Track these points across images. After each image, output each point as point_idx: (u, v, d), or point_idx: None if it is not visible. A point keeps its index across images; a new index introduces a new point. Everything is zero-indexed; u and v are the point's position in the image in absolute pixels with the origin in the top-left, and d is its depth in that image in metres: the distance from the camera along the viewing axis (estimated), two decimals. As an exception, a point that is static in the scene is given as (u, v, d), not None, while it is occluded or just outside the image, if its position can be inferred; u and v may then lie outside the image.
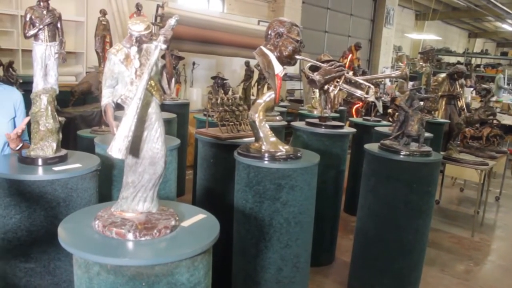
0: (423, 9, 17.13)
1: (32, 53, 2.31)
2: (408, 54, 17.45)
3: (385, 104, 6.44)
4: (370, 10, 14.54)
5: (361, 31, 14.21)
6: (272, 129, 2.81)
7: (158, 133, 1.54)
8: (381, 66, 14.65)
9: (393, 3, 14.74)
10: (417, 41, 17.33)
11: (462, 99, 7.76)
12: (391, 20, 14.73)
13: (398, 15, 15.59)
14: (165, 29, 1.48)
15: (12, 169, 2.26)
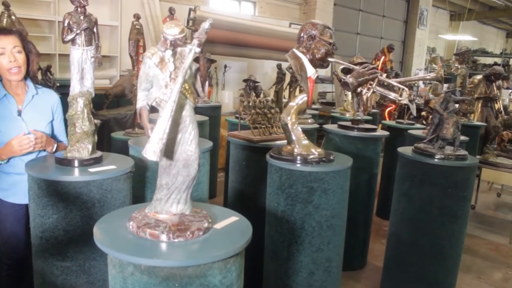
0: (458, 9, 16.78)
1: (70, 57, 2.35)
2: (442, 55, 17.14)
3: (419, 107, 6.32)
4: (403, 11, 14.34)
5: (394, 33, 14.03)
6: (304, 132, 2.80)
7: (192, 135, 1.56)
8: (414, 68, 14.42)
9: (427, 3, 14.50)
10: (451, 42, 16.99)
11: (499, 101, 7.55)
12: (425, 21, 14.49)
13: (432, 16, 15.32)
14: (199, 33, 1.49)
15: (50, 170, 2.31)
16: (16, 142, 2.34)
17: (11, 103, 2.46)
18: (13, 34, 2.41)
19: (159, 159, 1.44)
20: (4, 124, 2.43)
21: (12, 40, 2.38)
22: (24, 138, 2.35)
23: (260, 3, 9.99)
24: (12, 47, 2.37)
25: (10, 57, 2.36)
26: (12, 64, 2.36)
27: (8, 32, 2.41)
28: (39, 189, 2.24)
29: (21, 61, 2.39)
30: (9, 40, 2.37)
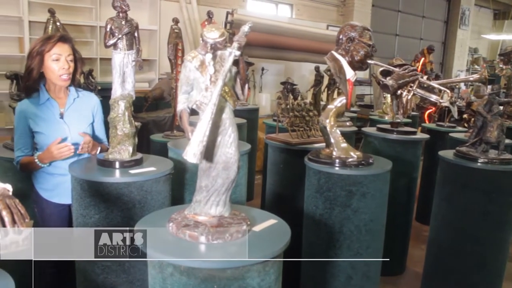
0: (502, 8, 16.26)
1: (111, 61, 2.41)
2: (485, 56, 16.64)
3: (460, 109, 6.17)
4: (444, 11, 14.02)
5: (434, 33, 13.73)
6: (343, 134, 2.77)
7: (231, 138, 1.56)
8: (455, 69, 14.07)
9: (469, 2, 14.12)
10: (495, 42, 16.49)
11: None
12: (467, 20, 14.11)
13: (474, 15, 14.90)
14: (239, 36, 1.50)
15: (92, 171, 2.37)
16: (55, 149, 2.38)
17: (54, 106, 2.53)
18: (69, 43, 2.49)
19: (199, 162, 1.45)
20: (47, 126, 2.50)
21: (67, 48, 2.46)
22: (62, 146, 2.39)
23: (297, 6, 9.96)
24: (67, 55, 2.45)
25: (64, 65, 2.43)
26: (65, 71, 2.44)
27: (65, 40, 2.48)
28: (82, 190, 2.30)
29: (71, 69, 2.48)
30: (65, 48, 2.45)
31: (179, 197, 2.90)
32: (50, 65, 2.42)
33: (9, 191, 1.21)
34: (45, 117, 2.49)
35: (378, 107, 6.84)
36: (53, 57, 2.42)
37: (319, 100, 5.09)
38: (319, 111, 4.07)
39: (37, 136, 2.51)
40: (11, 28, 6.44)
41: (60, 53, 2.43)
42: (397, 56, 6.53)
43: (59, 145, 2.39)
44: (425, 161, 5.35)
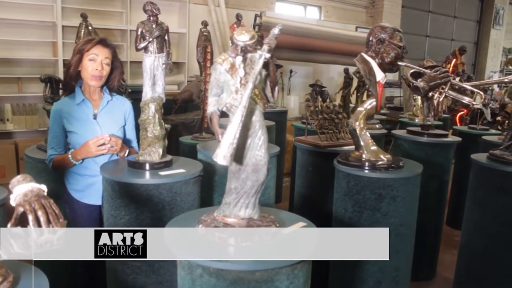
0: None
1: (142, 64, 2.44)
2: (520, 57, 16.21)
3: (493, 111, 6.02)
4: (476, 11, 13.71)
5: (466, 34, 13.45)
6: (372, 137, 2.74)
7: (261, 140, 1.56)
8: (488, 70, 13.75)
9: (503, 1, 13.75)
10: (530, 42, 16.04)
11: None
12: (501, 20, 13.76)
13: (509, 15, 14.52)
14: (269, 38, 1.50)
15: (123, 173, 2.40)
16: (93, 141, 2.45)
17: (88, 107, 2.58)
18: (109, 48, 2.56)
19: (229, 164, 1.46)
20: (81, 126, 2.56)
21: (105, 52, 2.52)
22: (100, 137, 2.46)
23: (325, 7, 9.91)
24: (103, 57, 2.51)
25: (98, 66, 2.50)
26: (97, 72, 2.50)
27: (105, 44, 2.55)
28: (113, 191, 2.34)
29: (105, 73, 2.53)
30: (103, 51, 2.52)
31: (208, 199, 2.92)
32: (86, 64, 2.50)
33: (44, 191, 1.23)
34: (79, 117, 2.55)
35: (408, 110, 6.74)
36: (90, 57, 2.49)
37: (348, 102, 5.06)
38: (348, 113, 4.04)
39: (70, 135, 2.57)
40: (45, 33, 6.61)
41: (97, 54, 2.49)
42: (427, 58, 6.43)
43: (98, 141, 2.44)
44: (456, 165, 5.24)
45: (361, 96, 4.77)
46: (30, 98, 6.52)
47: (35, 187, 1.22)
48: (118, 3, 7.17)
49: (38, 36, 6.59)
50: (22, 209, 1.14)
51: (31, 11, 6.44)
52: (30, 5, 6.40)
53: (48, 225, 1.14)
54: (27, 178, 1.25)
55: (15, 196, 1.19)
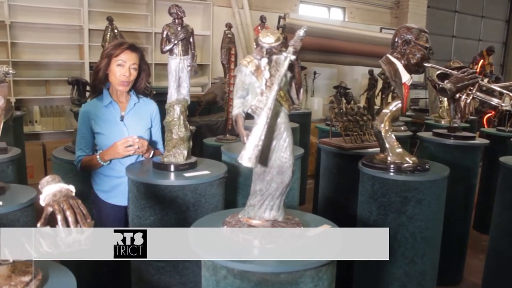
0: None
1: (167, 66, 2.46)
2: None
3: (522, 113, 5.89)
4: (505, 10, 13.41)
5: (494, 34, 13.17)
6: (397, 139, 2.72)
7: (286, 142, 1.56)
8: (517, 71, 13.47)
9: (533, 0, 13.47)
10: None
11: None
12: (530, 19, 13.45)
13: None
14: (294, 40, 1.50)
15: (148, 174, 2.43)
16: (120, 143, 2.48)
17: (115, 109, 2.62)
18: (137, 52, 2.58)
19: (254, 166, 1.46)
20: (108, 128, 2.59)
21: (133, 57, 2.54)
22: (128, 137, 2.49)
23: (349, 9, 9.86)
24: (131, 63, 2.53)
25: (126, 72, 2.52)
26: (125, 78, 2.53)
27: (134, 49, 2.57)
28: (138, 192, 2.36)
29: (132, 78, 2.56)
30: (131, 56, 2.54)
31: (232, 200, 2.92)
32: (114, 69, 2.53)
33: (73, 192, 1.26)
34: (106, 119, 2.59)
35: (434, 111, 6.64)
36: (118, 62, 2.52)
37: (373, 104, 5.02)
38: (373, 115, 4.00)
39: (97, 137, 2.61)
40: (72, 36, 6.75)
41: (125, 60, 2.52)
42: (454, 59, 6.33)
43: (125, 142, 2.47)
44: (484, 167, 5.14)
45: (386, 98, 4.73)
46: (57, 100, 6.67)
47: (64, 188, 1.24)
48: (143, 6, 7.27)
49: (65, 39, 6.73)
50: (51, 209, 1.16)
51: (59, 16, 6.58)
52: (58, 10, 6.54)
53: (76, 225, 1.15)
54: (55, 179, 1.27)
55: (45, 196, 1.21)
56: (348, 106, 3.45)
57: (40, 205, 1.22)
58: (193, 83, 7.09)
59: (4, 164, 2.77)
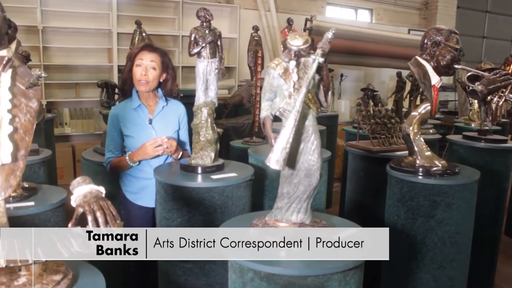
0: None
1: (195, 69, 2.48)
2: None
3: (557, 116, 5.72)
4: (540, 8, 13.07)
5: (527, 34, 12.85)
6: (426, 142, 2.67)
7: (314, 145, 1.55)
8: (551, 73, 13.06)
9: None
10: None
11: None
12: None
13: None
14: (322, 43, 1.49)
15: (175, 176, 2.44)
16: (150, 143, 2.51)
17: (144, 112, 2.65)
18: (156, 52, 2.61)
19: (282, 168, 1.45)
20: (136, 131, 2.63)
21: (151, 57, 2.58)
22: (157, 138, 2.52)
23: (377, 10, 9.77)
24: (149, 62, 2.57)
25: (143, 71, 2.56)
26: (142, 77, 2.56)
27: (152, 49, 2.62)
28: (166, 193, 2.38)
29: (151, 77, 2.58)
30: (149, 56, 2.57)
31: (258, 203, 2.92)
32: (134, 70, 2.58)
33: (103, 193, 1.27)
34: (135, 122, 2.62)
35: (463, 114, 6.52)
36: (137, 63, 2.57)
37: (401, 106, 4.95)
38: (401, 118, 3.95)
39: (126, 139, 2.64)
40: (101, 40, 6.87)
41: (142, 59, 2.56)
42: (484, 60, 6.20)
43: (155, 143, 2.50)
44: (516, 171, 5.02)
45: (414, 100, 4.65)
46: (87, 102, 6.80)
47: (94, 189, 1.26)
48: (170, 10, 7.35)
49: (94, 43, 6.85)
50: (81, 209, 1.18)
51: (89, 20, 6.71)
52: (88, 14, 6.67)
53: (106, 225, 1.17)
54: (86, 180, 1.29)
55: (75, 197, 1.23)
56: (376, 108, 3.41)
57: (71, 205, 1.24)
58: (220, 85, 7.08)
59: (36, 165, 2.83)
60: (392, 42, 7.81)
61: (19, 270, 1.20)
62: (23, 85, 1.20)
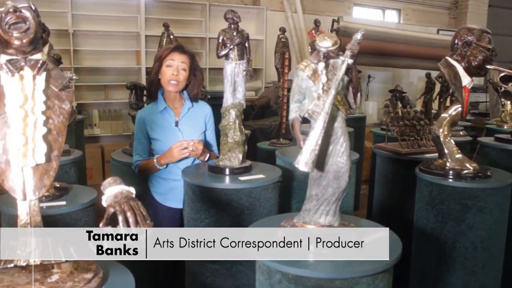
0: None
1: (223, 71, 2.50)
2: None
3: None
4: None
5: None
6: (457, 144, 2.63)
7: (343, 147, 1.54)
8: None
9: None
10: None
11: None
12: None
13: None
14: (352, 44, 1.48)
15: (203, 177, 2.46)
16: (175, 146, 2.52)
17: (170, 115, 2.68)
18: (186, 54, 2.65)
19: (311, 170, 1.45)
20: (163, 133, 2.65)
21: (182, 58, 2.62)
22: (183, 141, 2.54)
23: (405, 10, 9.65)
24: (179, 62, 2.60)
25: (174, 71, 2.59)
26: (173, 77, 2.59)
27: (182, 51, 2.65)
28: (194, 194, 2.40)
29: (181, 78, 2.61)
30: (180, 57, 2.61)
31: (286, 205, 2.92)
32: (164, 70, 2.61)
33: (133, 194, 1.29)
34: (161, 125, 2.65)
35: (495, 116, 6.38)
36: (167, 63, 2.60)
37: (430, 108, 4.87)
38: (430, 119, 3.89)
39: (153, 142, 2.67)
40: (130, 42, 6.98)
41: (173, 59, 2.60)
42: (517, 60, 6.04)
43: (181, 145, 2.52)
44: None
45: (443, 102, 4.57)
46: (115, 104, 6.91)
47: (125, 190, 1.27)
48: (197, 12, 7.40)
49: (123, 46, 6.97)
50: (112, 210, 1.19)
51: (117, 23, 6.83)
52: (116, 17, 6.79)
53: (136, 225, 1.18)
54: (117, 181, 1.31)
55: (106, 197, 1.25)
56: (404, 110, 3.37)
57: (102, 205, 1.26)
58: (247, 87, 7.02)
59: (67, 165, 2.89)
60: (420, 43, 7.68)
61: (52, 268, 1.23)
62: (56, 87, 1.23)
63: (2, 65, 1.17)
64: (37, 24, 1.17)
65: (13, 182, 1.17)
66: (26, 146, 1.15)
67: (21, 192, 1.18)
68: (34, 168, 1.18)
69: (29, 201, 1.19)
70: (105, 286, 1.27)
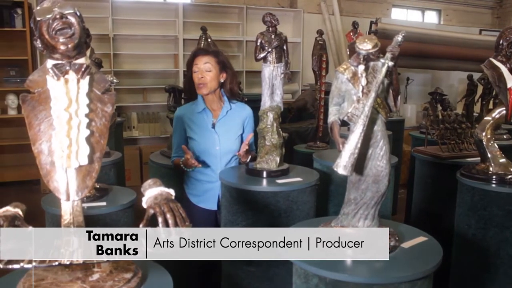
0: None
1: (261, 73, 2.50)
2: None
3: None
4: None
5: None
6: (500, 148, 2.55)
7: (383, 151, 1.53)
8: None
9: None
10: None
11: None
12: None
13: None
14: (392, 46, 1.46)
15: (240, 179, 2.47)
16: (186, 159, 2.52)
17: (208, 116, 2.70)
18: (208, 54, 2.66)
19: (350, 174, 1.44)
20: (200, 134, 2.67)
21: (205, 59, 2.62)
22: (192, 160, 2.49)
23: (446, 11, 9.44)
24: (202, 64, 2.61)
25: (199, 75, 2.61)
26: (200, 80, 2.61)
27: (204, 53, 2.68)
28: (231, 197, 2.41)
29: (208, 78, 2.62)
30: (202, 59, 2.62)
31: (323, 208, 2.90)
32: (193, 76, 2.65)
33: (172, 195, 1.30)
34: (199, 125, 2.68)
35: (541, 119, 6.15)
36: (194, 69, 2.64)
37: (471, 111, 4.74)
38: (471, 123, 3.79)
39: (190, 142, 2.70)
40: (168, 46, 7.08)
41: (197, 63, 2.62)
42: None
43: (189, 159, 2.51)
44: None
45: (486, 105, 4.45)
46: (153, 107, 7.02)
47: (164, 191, 1.29)
48: (235, 16, 7.45)
49: (162, 49, 7.08)
50: (152, 211, 1.21)
51: (156, 27, 6.95)
52: (155, 21, 6.91)
53: (175, 227, 1.20)
54: (157, 183, 1.33)
55: (146, 198, 1.27)
56: (445, 113, 3.29)
57: (141, 206, 1.28)
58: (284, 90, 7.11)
59: (107, 167, 2.95)
60: (462, 44, 7.49)
61: (93, 267, 1.25)
62: (99, 90, 1.26)
63: (48, 70, 1.21)
64: (81, 29, 1.20)
65: (57, 183, 1.20)
66: (70, 148, 1.18)
67: (64, 193, 1.21)
68: (77, 170, 1.20)
69: (72, 202, 1.22)
70: (144, 286, 1.29)
